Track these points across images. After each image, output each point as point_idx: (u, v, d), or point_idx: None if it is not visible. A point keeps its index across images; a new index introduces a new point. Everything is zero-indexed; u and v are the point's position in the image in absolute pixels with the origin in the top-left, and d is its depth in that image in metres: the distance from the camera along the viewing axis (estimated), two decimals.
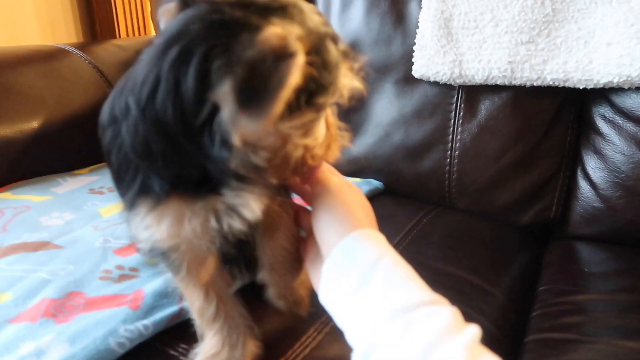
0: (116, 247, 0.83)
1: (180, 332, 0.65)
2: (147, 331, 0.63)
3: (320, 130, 0.51)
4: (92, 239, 0.84)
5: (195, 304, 0.58)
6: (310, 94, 0.44)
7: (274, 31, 0.39)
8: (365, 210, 0.57)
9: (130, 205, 0.50)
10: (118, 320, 0.63)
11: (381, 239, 0.54)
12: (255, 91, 0.39)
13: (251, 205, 0.49)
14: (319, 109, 0.47)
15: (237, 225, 0.50)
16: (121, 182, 0.50)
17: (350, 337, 0.51)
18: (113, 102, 0.49)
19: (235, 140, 0.41)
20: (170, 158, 0.45)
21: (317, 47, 0.44)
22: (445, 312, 0.46)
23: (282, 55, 0.38)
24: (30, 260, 0.77)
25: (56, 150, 1.18)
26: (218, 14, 0.42)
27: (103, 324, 0.62)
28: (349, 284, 0.50)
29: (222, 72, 0.39)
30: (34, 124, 1.14)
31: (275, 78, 0.38)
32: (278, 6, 0.43)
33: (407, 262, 0.53)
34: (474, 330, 0.45)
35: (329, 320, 0.69)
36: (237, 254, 0.63)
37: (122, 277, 0.74)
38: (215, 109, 0.41)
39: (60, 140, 1.18)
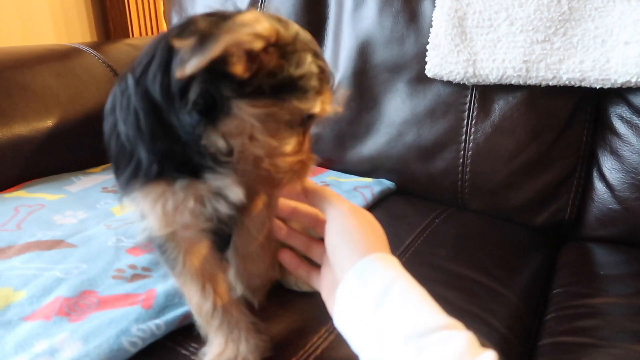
0: (129, 246, 0.83)
1: (191, 331, 0.65)
2: (159, 331, 0.63)
3: (288, 140, 0.52)
4: (105, 237, 0.85)
5: (192, 299, 0.58)
6: (276, 87, 0.47)
7: (246, 15, 0.44)
8: (378, 234, 0.57)
9: (124, 190, 0.53)
10: (131, 319, 0.63)
11: (394, 262, 0.54)
12: (203, 43, 0.43)
13: (233, 188, 0.52)
14: (283, 103, 0.49)
15: (223, 208, 0.53)
16: (118, 169, 0.54)
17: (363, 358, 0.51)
18: (115, 89, 0.53)
19: (192, 94, 0.46)
20: (156, 132, 0.49)
21: (289, 45, 0.48)
22: (460, 336, 0.45)
23: (237, 24, 0.43)
24: (45, 258, 0.77)
25: (70, 149, 1.19)
26: (219, 14, 0.47)
27: (116, 323, 0.62)
28: (364, 309, 0.50)
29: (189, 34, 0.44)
30: (49, 123, 1.15)
31: (221, 32, 0.43)
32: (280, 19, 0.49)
33: (419, 265, 0.53)
34: (491, 356, 0.44)
35: None
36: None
37: (135, 277, 0.74)
38: (190, 80, 0.46)
39: (73, 138, 1.19)
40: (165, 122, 0.48)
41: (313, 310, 0.69)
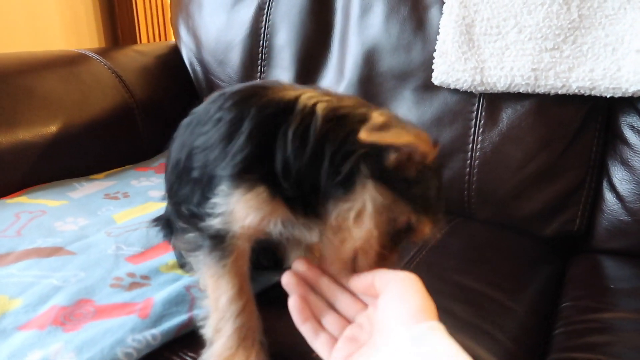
0: (128, 254, 0.82)
1: (188, 340, 0.64)
2: (155, 341, 0.62)
3: (384, 236, 0.56)
4: (105, 245, 0.84)
5: (224, 295, 0.58)
6: (402, 190, 0.55)
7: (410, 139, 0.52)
8: (430, 302, 0.53)
9: (238, 179, 0.56)
10: (126, 329, 0.62)
11: (448, 334, 0.49)
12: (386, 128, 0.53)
13: (312, 236, 0.59)
14: (402, 205, 0.55)
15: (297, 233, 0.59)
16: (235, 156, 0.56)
17: None
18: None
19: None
20: (307, 167, 0.55)
21: (428, 166, 0.56)
22: None
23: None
24: (43, 266, 0.76)
25: (74, 155, 1.18)
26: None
27: (111, 333, 0.61)
28: None
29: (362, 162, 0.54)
30: (53, 129, 1.14)
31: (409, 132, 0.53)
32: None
33: (425, 276, 0.52)
34: None
35: None
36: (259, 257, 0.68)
37: (133, 285, 0.73)
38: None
39: (78, 144, 1.19)
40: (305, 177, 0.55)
41: None
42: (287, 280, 0.61)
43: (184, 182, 0.63)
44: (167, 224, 0.77)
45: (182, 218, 0.63)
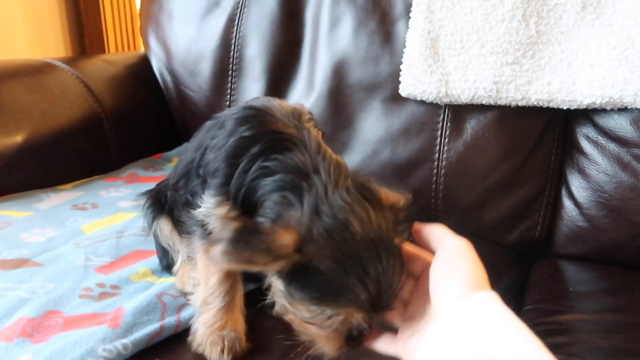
0: (98, 264, 0.81)
1: (160, 349, 0.65)
2: (126, 350, 0.62)
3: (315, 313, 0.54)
4: (74, 256, 0.83)
5: (213, 277, 0.65)
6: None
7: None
8: (484, 273, 0.51)
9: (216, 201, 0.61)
10: (97, 339, 0.61)
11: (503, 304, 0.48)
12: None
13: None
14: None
15: None
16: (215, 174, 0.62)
17: None
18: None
19: None
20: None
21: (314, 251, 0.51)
22: None
23: None
24: (9, 278, 0.75)
25: (40, 165, 1.16)
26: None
27: (81, 343, 0.61)
28: (478, 346, 0.44)
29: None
30: (18, 139, 1.12)
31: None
32: None
33: None
34: None
35: None
36: None
37: (103, 295, 0.73)
38: None
39: (44, 155, 1.17)
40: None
41: None
42: None
43: (193, 176, 0.69)
44: (156, 201, 0.80)
45: (179, 205, 0.71)
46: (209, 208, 0.62)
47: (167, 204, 0.78)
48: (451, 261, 0.51)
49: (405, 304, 0.58)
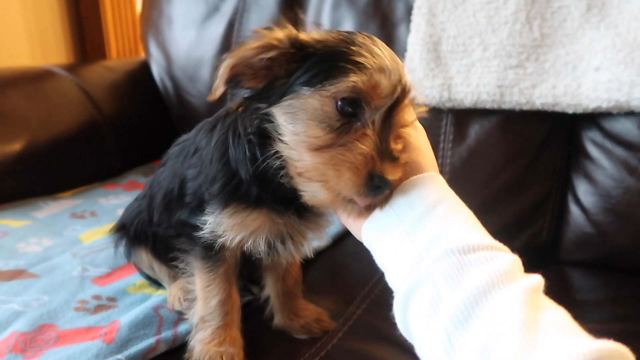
0: (95, 275, 0.80)
1: None
2: None
3: (321, 132, 0.49)
4: (71, 267, 0.82)
5: (213, 299, 0.64)
6: (296, 83, 0.50)
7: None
8: (430, 154, 0.55)
9: (223, 204, 0.59)
10: (90, 355, 0.60)
11: (442, 183, 0.51)
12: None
13: (309, 241, 0.63)
14: (306, 95, 0.49)
15: (290, 249, 0.62)
16: (214, 181, 0.60)
17: (393, 276, 0.47)
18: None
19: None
20: (255, 157, 0.55)
21: (309, 47, 0.50)
22: (505, 257, 0.43)
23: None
24: (4, 290, 0.74)
25: (39, 173, 1.15)
26: None
27: (74, 359, 0.59)
28: (402, 225, 0.47)
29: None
30: (16, 146, 1.11)
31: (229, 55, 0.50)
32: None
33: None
34: (537, 279, 0.42)
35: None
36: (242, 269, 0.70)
37: (99, 308, 0.71)
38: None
39: (43, 162, 1.16)
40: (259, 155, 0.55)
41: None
42: None
43: (177, 207, 0.67)
44: (127, 233, 0.78)
45: (172, 228, 0.68)
46: (219, 217, 0.59)
47: (143, 236, 0.76)
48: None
49: None
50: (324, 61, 0.49)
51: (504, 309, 0.39)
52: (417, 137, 0.55)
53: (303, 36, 0.51)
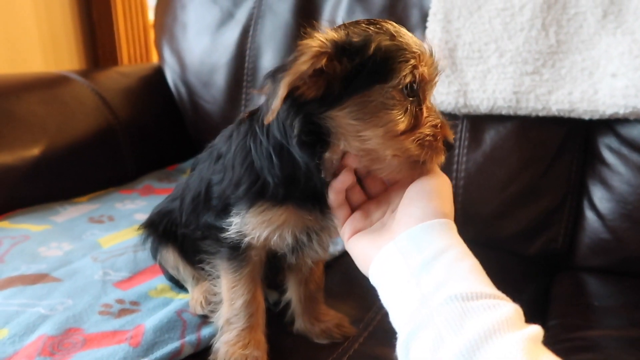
0: (116, 279, 0.81)
1: None
2: None
3: (396, 120, 0.53)
4: (92, 271, 0.82)
5: (239, 300, 0.65)
6: (354, 84, 0.52)
7: (303, 44, 0.52)
8: (449, 201, 0.56)
9: (249, 203, 0.60)
10: (117, 358, 0.61)
11: (453, 231, 0.53)
12: (274, 88, 0.51)
13: (332, 235, 0.64)
14: (365, 92, 0.53)
15: (315, 246, 0.64)
16: (239, 185, 0.61)
17: (397, 317, 0.49)
18: (235, 131, 0.65)
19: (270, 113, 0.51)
20: (283, 161, 0.58)
21: (349, 44, 0.52)
22: (507, 306, 0.44)
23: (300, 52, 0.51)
24: (28, 293, 0.74)
25: (56, 178, 1.16)
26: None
27: None
28: (408, 268, 0.49)
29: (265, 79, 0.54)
30: (35, 151, 1.13)
31: (283, 74, 0.50)
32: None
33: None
34: (536, 329, 0.43)
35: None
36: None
37: (123, 312, 0.72)
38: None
39: (60, 167, 1.17)
40: (289, 153, 0.57)
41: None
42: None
43: (204, 210, 0.68)
44: (156, 231, 0.79)
45: (199, 230, 0.69)
46: (246, 217, 0.61)
47: (171, 235, 0.77)
48: (419, 189, 0.55)
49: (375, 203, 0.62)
50: (375, 55, 0.52)
51: (505, 355, 0.40)
52: (440, 184, 0.56)
53: (337, 35, 0.53)
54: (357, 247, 0.58)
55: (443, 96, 1.05)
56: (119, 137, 1.31)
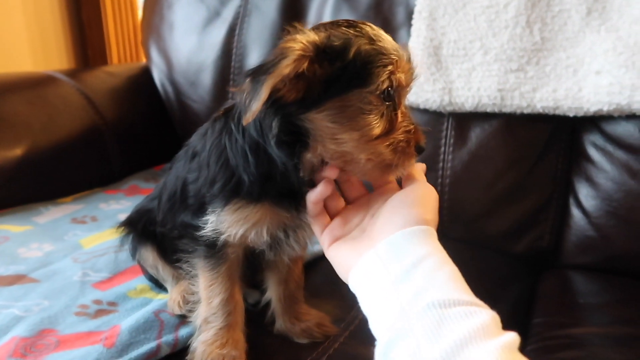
0: (96, 280, 0.80)
1: None
2: None
3: (372, 125, 0.54)
4: (72, 272, 0.81)
5: (216, 298, 0.64)
6: (333, 87, 0.52)
7: (285, 44, 0.51)
8: (432, 210, 0.56)
9: (225, 201, 0.60)
10: (90, 359, 0.60)
11: (433, 238, 0.53)
12: (254, 89, 0.50)
13: (308, 233, 0.63)
14: (344, 96, 0.53)
15: (292, 243, 0.64)
16: (214, 182, 0.61)
17: (376, 324, 0.49)
18: (210, 129, 0.65)
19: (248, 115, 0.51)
20: (259, 160, 0.58)
21: (331, 47, 0.52)
22: (483, 314, 0.44)
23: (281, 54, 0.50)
24: (4, 295, 0.74)
25: (40, 178, 1.15)
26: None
27: None
28: (388, 276, 0.49)
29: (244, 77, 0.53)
30: (18, 152, 1.12)
31: (265, 75, 0.49)
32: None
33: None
34: (512, 337, 0.43)
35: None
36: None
37: (99, 313, 0.71)
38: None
39: (44, 168, 1.16)
40: (265, 154, 0.57)
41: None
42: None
43: (180, 209, 0.68)
44: (135, 230, 0.79)
45: (176, 229, 0.69)
46: (222, 214, 0.60)
47: (150, 234, 0.77)
48: (409, 199, 0.56)
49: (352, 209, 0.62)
50: (355, 59, 0.53)
51: None
52: (424, 194, 0.57)
53: (318, 37, 0.53)
54: (337, 256, 0.58)
55: (428, 94, 1.05)
56: (105, 137, 1.30)
